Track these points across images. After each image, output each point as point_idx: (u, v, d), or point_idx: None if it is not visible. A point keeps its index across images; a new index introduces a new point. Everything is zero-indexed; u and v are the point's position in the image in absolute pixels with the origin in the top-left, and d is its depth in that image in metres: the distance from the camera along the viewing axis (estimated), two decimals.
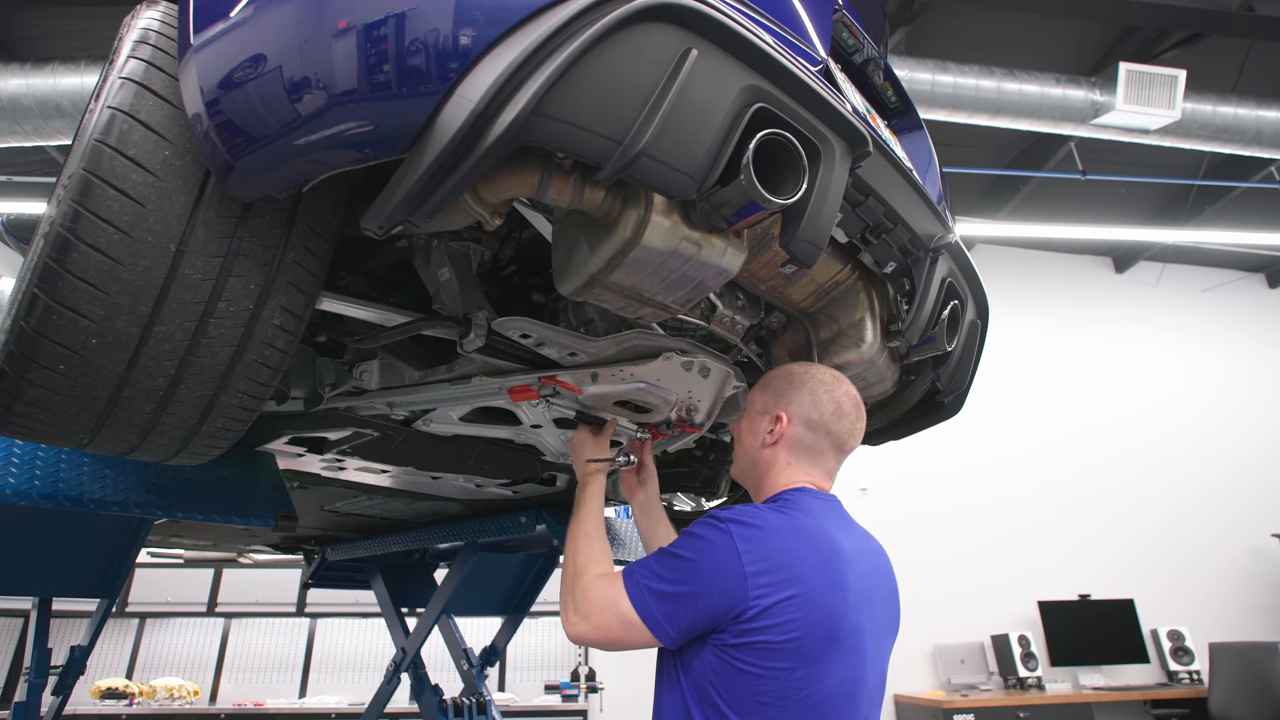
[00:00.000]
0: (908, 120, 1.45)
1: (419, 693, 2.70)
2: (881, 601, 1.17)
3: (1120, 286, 6.94)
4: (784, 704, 1.04)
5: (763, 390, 1.29)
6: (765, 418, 1.26)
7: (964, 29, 4.59)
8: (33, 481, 1.27)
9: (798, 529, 1.11)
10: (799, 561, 1.07)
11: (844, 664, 1.07)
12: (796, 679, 1.04)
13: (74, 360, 0.82)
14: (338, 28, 0.72)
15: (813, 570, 1.07)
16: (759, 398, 1.29)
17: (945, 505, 5.77)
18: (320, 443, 1.63)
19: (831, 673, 1.06)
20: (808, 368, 1.28)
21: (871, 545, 1.23)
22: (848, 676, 1.07)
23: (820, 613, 1.05)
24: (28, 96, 3.74)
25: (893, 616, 1.22)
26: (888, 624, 1.19)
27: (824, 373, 1.26)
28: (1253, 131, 4.36)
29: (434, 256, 1.24)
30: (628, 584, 1.12)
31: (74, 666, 2.25)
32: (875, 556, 1.21)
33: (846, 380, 1.27)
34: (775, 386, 1.27)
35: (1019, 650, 5.18)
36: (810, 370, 1.27)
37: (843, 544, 1.12)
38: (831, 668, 1.06)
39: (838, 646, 1.06)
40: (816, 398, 1.23)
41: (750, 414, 1.30)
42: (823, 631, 1.05)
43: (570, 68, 0.68)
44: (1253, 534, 6.00)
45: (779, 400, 1.25)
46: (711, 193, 0.78)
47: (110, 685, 5.08)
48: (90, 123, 0.83)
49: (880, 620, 1.16)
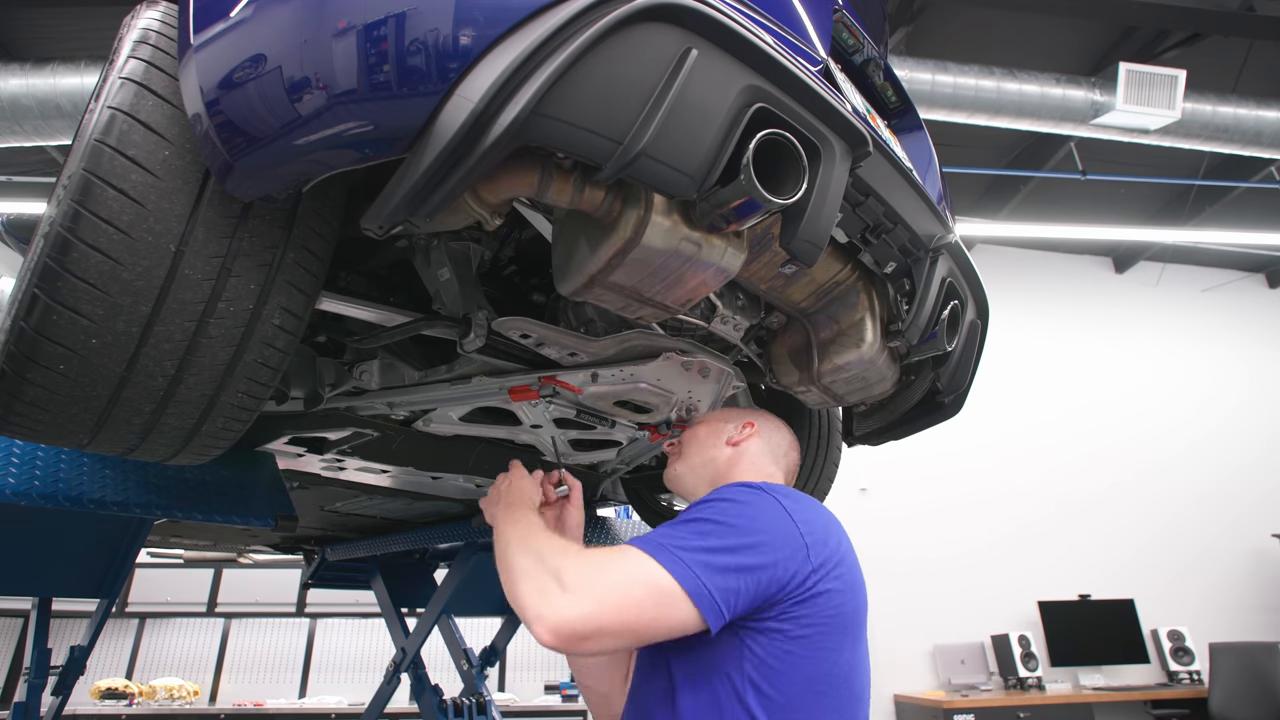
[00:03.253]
0: (908, 120, 1.45)
1: (419, 693, 2.69)
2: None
3: (1120, 286, 6.94)
4: (837, 690, 0.95)
5: (722, 411, 1.34)
6: (730, 424, 1.28)
7: (964, 29, 4.59)
8: (33, 481, 1.27)
9: (812, 502, 1.08)
10: (832, 533, 1.03)
11: (864, 645, 1.05)
12: (845, 660, 0.97)
13: (74, 360, 0.82)
14: (338, 28, 0.72)
15: (841, 543, 1.04)
16: (720, 413, 1.33)
17: (945, 505, 5.77)
18: (320, 443, 1.63)
19: (861, 655, 1.03)
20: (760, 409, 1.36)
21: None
22: (865, 659, 1.04)
23: (854, 588, 1.02)
24: (28, 96, 3.74)
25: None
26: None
27: (776, 416, 1.34)
28: (1253, 131, 4.36)
29: (434, 256, 1.24)
30: (656, 553, 0.90)
31: (74, 666, 2.25)
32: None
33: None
34: (736, 411, 1.33)
35: (1019, 650, 5.18)
36: (764, 410, 1.35)
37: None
38: (860, 649, 1.03)
39: (863, 626, 1.04)
40: (779, 426, 1.31)
41: (710, 421, 1.30)
42: (856, 607, 1.02)
43: (570, 68, 0.68)
44: (1253, 534, 6.00)
45: (744, 415, 1.30)
46: (711, 193, 0.78)
47: (110, 685, 5.09)
48: (90, 123, 0.83)
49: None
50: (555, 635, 0.86)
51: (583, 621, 0.86)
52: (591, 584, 0.88)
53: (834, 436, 1.98)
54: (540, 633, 0.87)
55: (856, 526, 5.15)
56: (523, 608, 0.91)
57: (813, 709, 0.94)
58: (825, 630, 0.96)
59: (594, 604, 0.86)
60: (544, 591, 0.89)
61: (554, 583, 0.89)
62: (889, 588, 5.33)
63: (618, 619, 0.86)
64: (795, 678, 0.93)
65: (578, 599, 0.87)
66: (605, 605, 0.86)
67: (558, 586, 0.89)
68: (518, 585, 0.93)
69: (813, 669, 0.95)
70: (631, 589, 0.87)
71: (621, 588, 0.88)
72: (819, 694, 0.94)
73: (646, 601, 0.87)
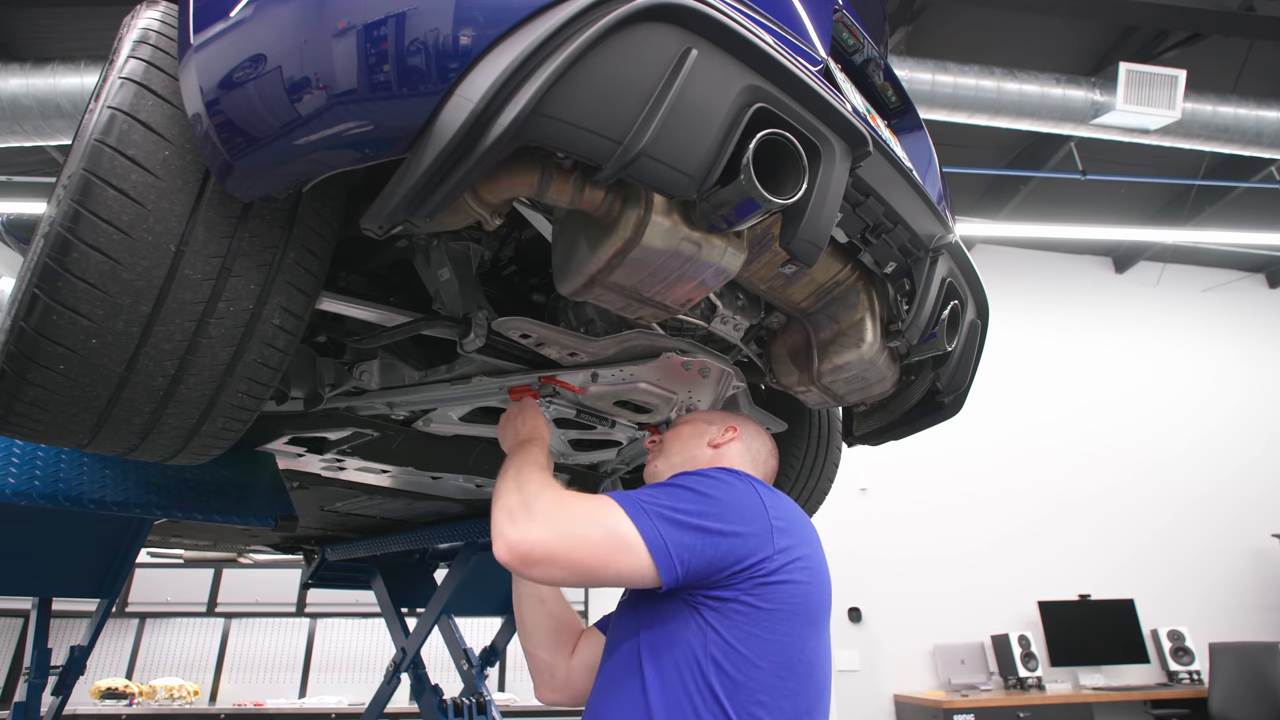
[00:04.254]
0: (908, 120, 1.45)
1: (419, 693, 2.69)
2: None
3: (1120, 286, 6.94)
4: (798, 677, 0.99)
5: (705, 413, 1.35)
6: (714, 427, 1.30)
7: (964, 29, 4.59)
8: (33, 481, 1.27)
9: (788, 499, 1.14)
10: (801, 525, 1.09)
11: (826, 638, 1.09)
12: (809, 649, 1.01)
13: (74, 360, 0.82)
14: (338, 28, 0.72)
15: (810, 536, 1.10)
16: (703, 415, 1.34)
17: (945, 505, 5.77)
18: (320, 443, 1.63)
19: (824, 647, 1.07)
20: (743, 414, 1.39)
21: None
22: (827, 651, 1.09)
23: (819, 581, 1.07)
24: (28, 96, 3.74)
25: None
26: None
27: (759, 423, 1.36)
28: (1253, 131, 4.36)
29: (434, 256, 1.24)
30: (625, 504, 0.97)
31: (74, 666, 2.24)
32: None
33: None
34: (719, 414, 1.34)
35: (1019, 650, 5.18)
36: (748, 416, 1.37)
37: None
38: (824, 641, 1.07)
39: (826, 618, 1.09)
40: (759, 433, 1.33)
41: (694, 422, 1.32)
42: (820, 599, 1.06)
43: (570, 68, 0.68)
44: (1253, 534, 6.00)
45: (727, 419, 1.31)
46: (711, 193, 0.78)
47: (110, 685, 5.08)
48: (90, 123, 0.83)
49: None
50: (510, 552, 0.94)
51: (537, 545, 0.93)
52: (555, 516, 0.95)
53: (834, 436, 1.98)
54: (498, 548, 0.94)
55: (856, 526, 5.14)
56: (493, 525, 0.98)
57: (774, 693, 0.97)
58: (789, 615, 0.99)
59: (552, 533, 0.93)
60: (512, 514, 0.97)
61: (523, 508, 0.97)
62: (889, 588, 5.34)
63: (570, 552, 0.93)
64: (759, 661, 0.97)
65: (538, 526, 0.94)
66: (562, 538, 0.93)
67: (525, 512, 0.96)
68: (495, 506, 1.01)
69: (776, 654, 0.98)
70: (590, 529, 0.94)
71: (581, 524, 0.94)
72: (781, 679, 0.98)
73: (602, 544, 0.93)
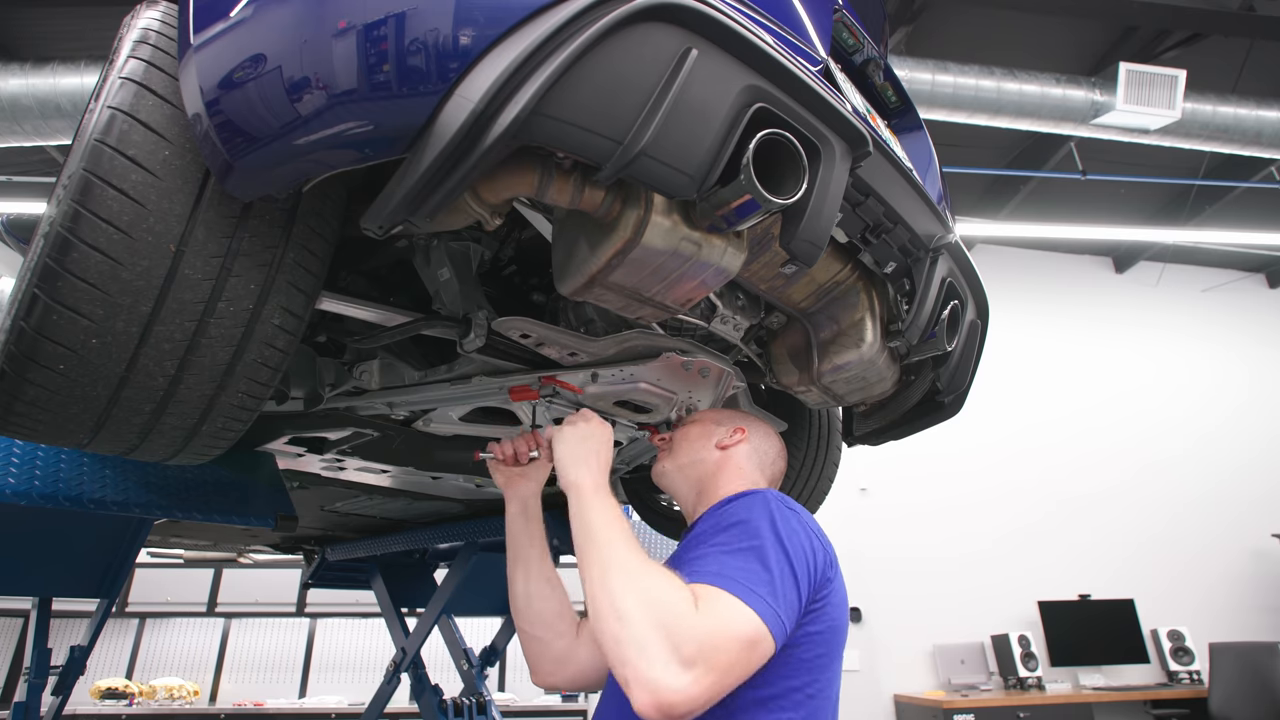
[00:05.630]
0: (908, 120, 1.45)
1: (419, 693, 2.69)
2: None
3: (1120, 286, 6.94)
4: (826, 707, 0.97)
5: (714, 413, 1.34)
6: (722, 428, 1.28)
7: (964, 29, 4.59)
8: (33, 481, 1.27)
9: (800, 507, 1.10)
10: (828, 544, 1.05)
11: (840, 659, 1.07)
12: (831, 673, 1.00)
13: (74, 360, 0.82)
14: (338, 28, 0.72)
15: (835, 556, 1.06)
16: (712, 414, 1.32)
17: (945, 505, 5.77)
18: (320, 443, 1.63)
19: (839, 668, 1.05)
20: (752, 414, 1.37)
21: None
22: (839, 673, 1.07)
23: (844, 601, 1.05)
24: (28, 96, 3.74)
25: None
26: None
27: (767, 423, 1.34)
28: (1253, 131, 4.36)
29: (434, 256, 1.24)
30: (733, 589, 0.84)
31: (74, 666, 2.25)
32: None
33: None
34: (729, 414, 1.32)
35: (1019, 650, 5.18)
36: (757, 416, 1.35)
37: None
38: (839, 662, 1.05)
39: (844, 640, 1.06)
40: (768, 434, 1.31)
41: (702, 422, 1.30)
42: (845, 620, 1.05)
43: (570, 68, 0.68)
44: (1253, 534, 6.00)
45: (735, 420, 1.29)
46: (711, 193, 0.78)
47: (110, 685, 5.09)
48: (90, 123, 0.83)
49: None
50: (665, 714, 0.76)
51: (703, 699, 0.78)
52: (711, 654, 0.79)
53: (834, 436, 1.98)
54: (646, 704, 0.76)
55: (856, 526, 5.14)
56: (627, 664, 0.79)
57: (802, 709, 0.95)
58: (824, 641, 0.97)
59: (716, 677, 0.78)
60: (658, 661, 0.78)
61: (670, 649, 0.78)
62: (889, 588, 5.34)
63: (726, 682, 0.80)
64: (795, 690, 0.94)
65: (698, 675, 0.77)
66: (725, 675, 0.80)
67: (676, 657, 0.78)
68: (622, 631, 0.81)
69: (810, 682, 0.96)
70: (729, 645, 0.80)
71: (722, 645, 0.80)
72: (809, 696, 0.96)
73: (739, 654, 0.81)
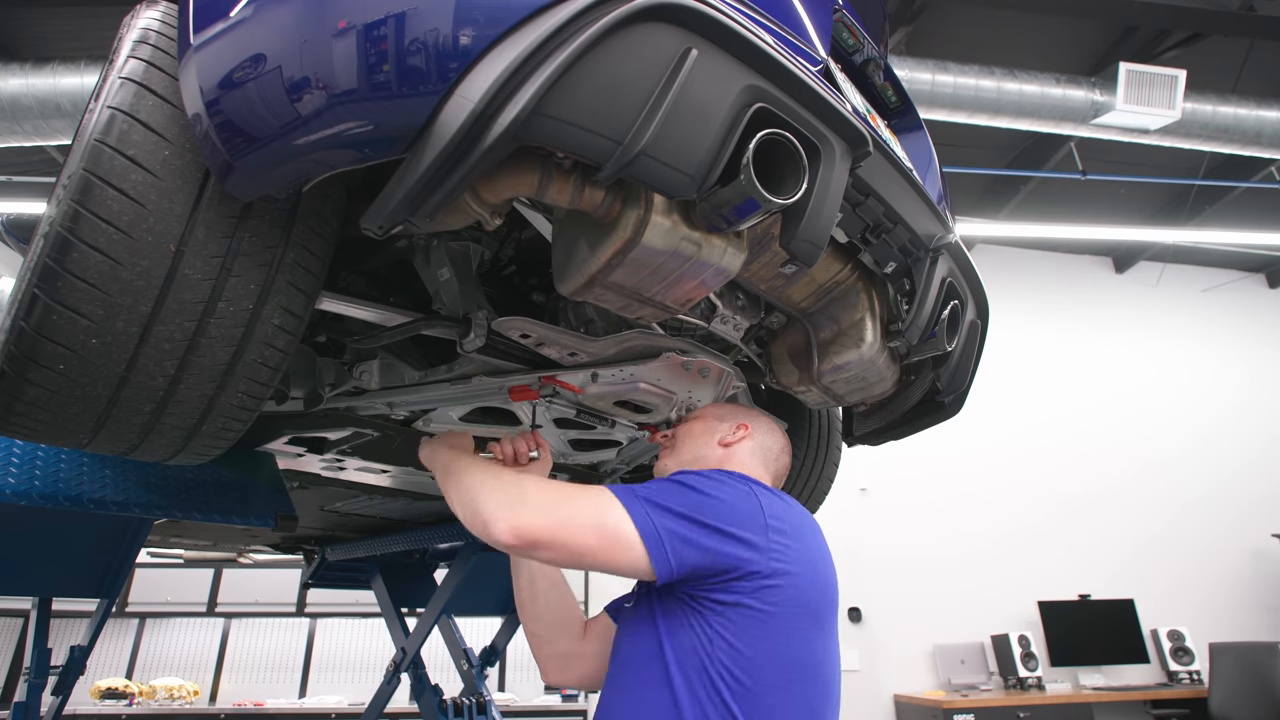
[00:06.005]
0: (908, 120, 1.45)
1: (419, 693, 2.69)
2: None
3: (1120, 286, 6.94)
4: (806, 678, 1.00)
5: (718, 408, 1.34)
6: (725, 424, 1.29)
7: (964, 29, 4.59)
8: (33, 481, 1.27)
9: (790, 500, 1.14)
10: (801, 525, 1.09)
11: (834, 638, 1.10)
12: (816, 649, 1.03)
13: (74, 360, 0.82)
14: (338, 28, 0.72)
15: (811, 536, 1.10)
16: (715, 410, 1.33)
17: (945, 505, 5.77)
18: (320, 443, 1.63)
19: (832, 647, 1.08)
20: (756, 409, 1.37)
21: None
22: (835, 651, 1.09)
23: (821, 580, 1.07)
24: (28, 96, 3.74)
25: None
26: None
27: (772, 418, 1.35)
28: (1253, 131, 4.37)
29: (434, 256, 1.24)
30: (620, 494, 0.98)
31: (74, 666, 2.25)
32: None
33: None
34: (732, 409, 1.33)
35: (1019, 650, 5.18)
36: (761, 411, 1.36)
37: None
38: (831, 640, 1.08)
39: (833, 618, 1.09)
40: (772, 429, 1.32)
41: (705, 418, 1.31)
42: (825, 600, 1.07)
43: (570, 68, 0.68)
44: (1253, 534, 6.00)
45: (739, 415, 1.30)
46: (711, 193, 0.78)
47: (110, 685, 5.08)
48: (90, 123, 0.83)
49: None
50: (516, 535, 0.95)
51: (540, 529, 0.95)
52: (553, 503, 0.97)
53: (834, 436, 1.98)
54: (501, 531, 0.95)
55: (856, 526, 5.15)
56: (482, 512, 0.98)
57: (784, 695, 0.98)
58: (791, 616, 1.00)
59: (542, 520, 0.95)
60: (509, 503, 0.98)
61: (518, 497, 0.98)
62: (889, 588, 5.34)
63: (570, 537, 0.95)
64: (766, 662, 0.97)
65: (530, 512, 0.96)
66: (557, 523, 0.95)
67: (522, 499, 0.98)
68: (480, 496, 1.01)
69: (783, 656, 0.99)
70: (581, 516, 0.96)
71: (573, 513, 0.96)
72: (790, 680, 0.99)
73: (592, 531, 0.95)
